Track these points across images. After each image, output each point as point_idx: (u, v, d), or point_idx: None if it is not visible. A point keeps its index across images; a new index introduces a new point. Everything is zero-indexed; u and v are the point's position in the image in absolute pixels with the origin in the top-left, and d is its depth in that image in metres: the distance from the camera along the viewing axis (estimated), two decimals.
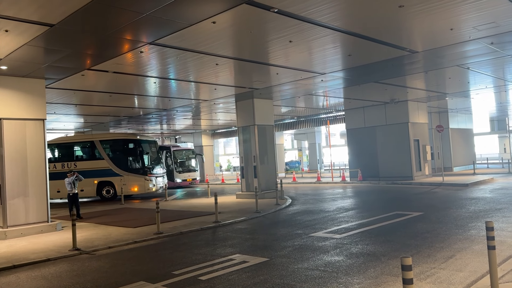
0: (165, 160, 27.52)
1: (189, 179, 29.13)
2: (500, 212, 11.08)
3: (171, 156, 28.30)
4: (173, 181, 27.86)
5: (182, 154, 29.72)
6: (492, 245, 4.86)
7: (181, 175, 28.67)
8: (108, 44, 9.53)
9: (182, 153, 29.81)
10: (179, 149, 30.19)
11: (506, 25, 9.89)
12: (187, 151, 30.54)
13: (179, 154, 29.50)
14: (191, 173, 29.62)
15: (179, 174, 28.62)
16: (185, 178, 28.86)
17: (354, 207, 14.12)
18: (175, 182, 28.09)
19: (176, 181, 28.04)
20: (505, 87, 20.59)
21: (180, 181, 28.36)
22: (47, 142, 12.47)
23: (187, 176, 29.07)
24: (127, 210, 16.51)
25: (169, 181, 27.07)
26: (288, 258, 7.46)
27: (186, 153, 30.26)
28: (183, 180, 28.73)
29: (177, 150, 29.48)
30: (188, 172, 29.39)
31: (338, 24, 9.30)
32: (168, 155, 28.23)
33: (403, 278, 3.65)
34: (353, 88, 18.47)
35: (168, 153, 28.35)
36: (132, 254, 8.70)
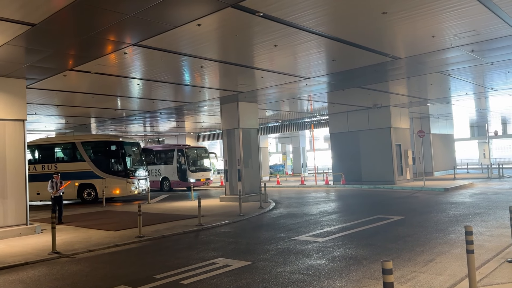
0: (177, 159, 26.97)
1: (202, 179, 27.74)
2: (479, 217, 11.29)
3: (183, 155, 27.01)
4: (186, 181, 26.86)
5: (194, 153, 28.45)
6: (471, 249, 4.95)
7: (194, 174, 27.22)
8: (91, 44, 9.41)
9: (194, 151, 28.58)
10: (192, 147, 29.23)
11: (486, 34, 10.13)
12: (199, 150, 29.35)
13: (192, 152, 28.21)
14: (204, 172, 28.27)
15: (192, 174, 27.14)
16: (198, 177, 27.37)
17: (337, 210, 14.21)
18: (188, 182, 26.54)
19: (189, 181, 26.60)
20: (484, 94, 21.05)
21: (193, 181, 26.71)
22: (27, 143, 12.23)
23: (200, 175, 27.64)
24: (108, 213, 16.29)
25: (182, 181, 26.93)
26: (271, 261, 7.46)
27: (199, 152, 28.97)
28: (197, 180, 27.19)
29: (190, 148, 28.46)
30: (202, 171, 28.09)
31: (322, 30, 9.39)
32: (180, 154, 27.00)
33: (383, 282, 3.69)
34: (337, 92, 18.64)
35: (180, 152, 27.16)
36: (113, 257, 8.58)
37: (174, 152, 27.55)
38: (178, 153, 27.30)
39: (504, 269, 6.06)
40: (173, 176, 27.52)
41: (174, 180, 27.48)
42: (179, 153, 27.21)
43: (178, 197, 22.42)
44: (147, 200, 19.92)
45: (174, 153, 27.53)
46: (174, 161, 27.46)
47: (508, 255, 6.70)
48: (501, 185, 20.76)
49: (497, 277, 5.70)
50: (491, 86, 18.76)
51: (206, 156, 29.16)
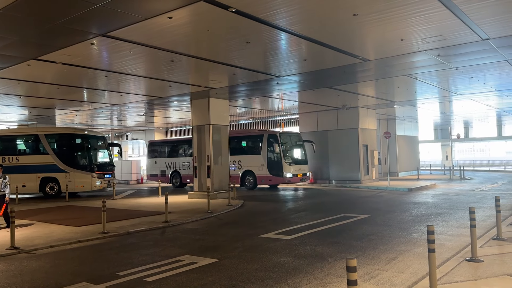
0: (267, 147, 21.88)
1: (299, 175, 22.07)
2: (441, 217, 11.66)
3: (277, 142, 21.38)
4: (281, 176, 21.52)
5: (290, 140, 22.54)
6: (432, 248, 5.08)
7: (291, 168, 21.65)
8: (57, 34, 9.10)
9: (289, 138, 22.59)
10: (286, 132, 23.17)
11: (452, 39, 10.45)
12: (294, 136, 23.17)
13: (287, 139, 22.30)
14: (302, 166, 22.51)
15: (289, 167, 21.57)
16: (295, 172, 21.79)
17: (304, 208, 14.35)
18: (285, 178, 21.45)
19: (285, 176, 21.40)
20: (449, 98, 21.77)
21: (290, 176, 21.51)
22: None
23: (297, 169, 22.02)
24: (71, 208, 15.83)
25: (274, 176, 21.77)
26: (238, 259, 7.44)
27: (294, 139, 22.91)
28: (294, 175, 21.71)
29: (284, 134, 22.53)
30: (299, 164, 22.38)
31: (295, 29, 9.43)
32: (273, 141, 21.54)
33: (347, 279, 3.73)
34: (308, 92, 18.82)
35: (272, 138, 21.74)
36: (75, 254, 8.33)
37: (263, 139, 22.18)
38: (269, 140, 21.87)
39: (462, 267, 6.27)
40: (261, 169, 22.13)
41: (261, 174, 22.11)
42: (271, 140, 21.73)
43: (146, 193, 22.04)
44: (112, 195, 19.49)
45: (263, 139, 22.18)
46: (263, 149, 22.15)
47: (467, 254, 6.94)
48: (462, 186, 21.54)
49: (456, 276, 5.89)
50: (455, 91, 19.43)
51: (301, 144, 23.10)
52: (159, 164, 27.26)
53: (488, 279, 5.71)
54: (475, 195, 17.22)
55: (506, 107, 27.28)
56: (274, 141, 21.50)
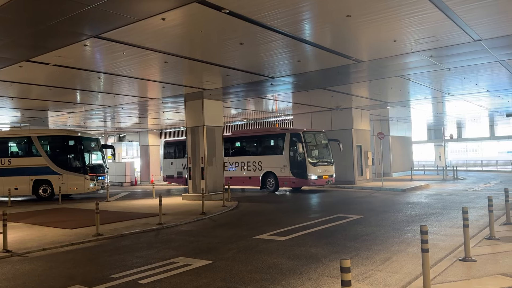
0: (290, 147, 20.48)
1: (325, 176, 20.65)
2: (434, 217, 11.72)
3: (301, 141, 19.99)
4: (305, 178, 20.05)
5: (314, 139, 21.13)
6: (426, 248, 5.10)
7: (316, 169, 20.18)
8: (49, 35, 9.05)
9: (314, 137, 21.16)
10: (310, 131, 21.52)
11: (445, 40, 10.52)
12: (319, 135, 21.57)
13: (311, 138, 20.88)
14: (328, 167, 21.06)
15: (314, 168, 20.12)
16: (321, 174, 20.36)
17: (298, 209, 14.36)
18: (309, 180, 20.02)
19: (310, 178, 19.97)
20: (442, 98, 21.91)
21: (315, 178, 20.11)
22: None
23: (323, 171, 20.57)
24: (64, 211, 15.73)
25: (298, 178, 20.30)
26: (232, 260, 7.42)
27: (318, 138, 21.44)
28: (319, 177, 20.30)
29: (308, 132, 20.97)
30: (325, 164, 20.96)
31: (288, 30, 9.44)
32: (296, 140, 20.11)
33: (341, 280, 3.74)
34: (302, 93, 18.85)
35: (295, 137, 20.31)
36: (68, 256, 8.27)
37: (285, 138, 20.81)
38: (292, 139, 20.46)
39: (456, 267, 6.30)
40: (283, 170, 20.75)
41: (284, 176, 20.73)
42: (294, 139, 20.31)
43: (140, 195, 21.95)
44: (106, 197, 19.39)
45: (285, 139, 20.82)
46: (285, 149, 20.81)
47: (460, 254, 6.98)
48: (455, 186, 21.67)
49: (450, 275, 5.92)
50: (448, 91, 19.56)
51: (326, 143, 21.77)
52: (176, 165, 26.34)
53: (481, 278, 5.75)
54: (468, 195, 17.33)
55: (498, 108, 27.52)
56: (298, 140, 20.03)
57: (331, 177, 21.11)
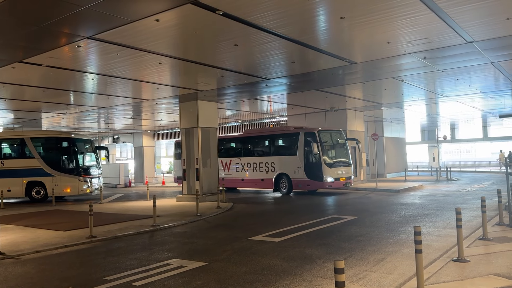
0: (304, 147, 19.31)
1: (342, 178, 19.43)
2: (428, 217, 11.77)
3: (316, 141, 18.83)
4: (320, 180, 18.93)
5: (331, 138, 19.96)
6: (419, 248, 5.13)
7: (332, 170, 19.04)
8: (42, 36, 9.00)
9: (330, 136, 19.97)
10: (326, 130, 20.29)
11: (438, 41, 10.59)
12: (335, 134, 20.30)
13: (327, 137, 19.65)
14: (345, 168, 19.82)
15: (330, 170, 18.96)
16: (337, 176, 19.17)
17: (293, 210, 14.37)
18: (325, 182, 18.87)
19: (325, 180, 18.81)
20: (435, 100, 22.04)
21: (331, 181, 18.92)
22: None
23: (340, 172, 19.36)
24: (58, 213, 15.62)
25: (313, 180, 19.18)
26: (227, 262, 7.41)
27: (335, 137, 20.22)
28: (335, 179, 19.10)
29: (324, 131, 19.69)
30: (342, 166, 19.72)
31: (282, 31, 9.45)
32: (311, 140, 18.97)
33: (335, 281, 3.75)
34: (296, 94, 18.88)
35: (310, 136, 19.18)
36: (61, 258, 8.22)
37: (299, 137, 19.66)
38: (306, 138, 19.36)
39: (449, 268, 6.34)
40: (297, 172, 19.67)
41: (297, 178, 19.66)
42: (309, 138, 19.20)
43: (134, 197, 21.86)
44: (99, 199, 19.29)
45: (299, 138, 19.65)
46: (299, 149, 19.65)
47: (453, 255, 7.02)
48: (448, 187, 21.79)
49: (443, 276, 5.95)
50: (441, 93, 19.68)
51: (343, 143, 20.37)
52: None
53: (474, 279, 5.78)
54: (461, 195, 17.43)
55: (491, 109, 27.72)
56: (312, 139, 18.90)
57: (349, 179, 19.76)
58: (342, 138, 20.41)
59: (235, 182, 22.85)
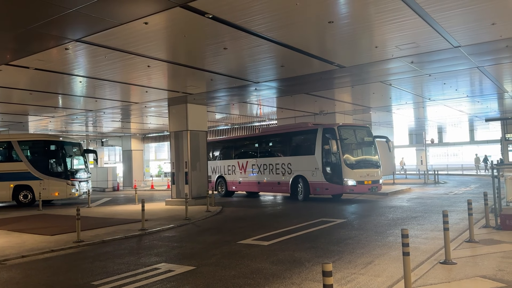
0: (322, 146, 17.05)
1: (367, 182, 16.95)
2: (416, 220, 11.87)
3: (335, 138, 16.51)
4: (340, 184, 16.65)
5: (354, 136, 17.53)
6: (407, 251, 5.16)
7: (354, 172, 16.68)
8: (29, 38, 8.91)
9: (353, 133, 17.60)
10: (348, 125, 18.36)
11: (425, 46, 10.72)
12: (360, 131, 18.01)
13: (349, 135, 17.26)
14: (371, 170, 17.37)
15: (352, 172, 16.62)
16: (361, 179, 16.74)
17: (283, 213, 14.38)
18: (345, 186, 16.61)
19: (346, 184, 16.54)
20: (423, 104, 22.29)
21: (352, 184, 16.57)
22: None
23: (364, 175, 16.92)
24: (45, 217, 15.42)
25: (332, 184, 16.88)
26: (216, 266, 7.38)
27: (360, 134, 17.81)
28: (359, 183, 16.68)
29: (345, 128, 17.47)
30: (367, 167, 17.34)
31: (272, 35, 9.49)
32: (330, 137, 16.53)
33: (323, 284, 3.75)
34: (285, 98, 18.94)
35: (329, 133, 16.78)
36: (48, 263, 8.11)
37: (317, 134, 17.39)
38: (325, 135, 16.95)
39: (436, 270, 6.39)
40: (315, 174, 17.33)
41: (315, 181, 17.35)
42: (327, 135, 16.75)
43: (122, 201, 21.68)
44: (87, 203, 19.09)
45: (317, 135, 17.37)
46: (317, 148, 17.34)
47: (440, 257, 7.08)
48: (436, 190, 22.00)
49: (430, 278, 6.00)
50: (429, 96, 19.92)
51: (370, 141, 18.03)
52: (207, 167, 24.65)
53: (461, 281, 5.84)
54: (448, 198, 17.61)
55: (478, 113, 28.12)
56: (331, 137, 16.53)
57: (375, 183, 17.17)
58: (369, 135, 18.09)
59: (251, 185, 20.92)
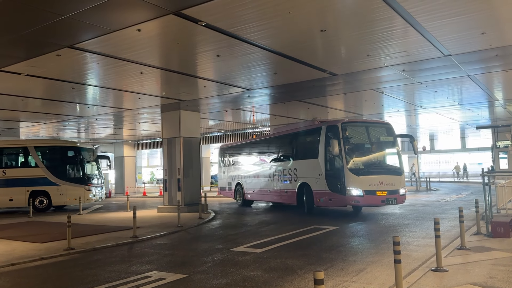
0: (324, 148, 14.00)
1: (380, 192, 13.21)
2: (408, 227, 11.91)
3: (339, 137, 13.33)
4: (342, 193, 13.40)
5: (367, 135, 14.18)
6: (398, 259, 5.18)
7: (361, 180, 13.19)
8: (21, 44, 8.88)
9: (366, 131, 14.22)
10: (353, 122, 15.55)
11: (416, 55, 10.84)
12: (373, 128, 14.43)
13: (356, 132, 14.08)
14: (386, 177, 13.51)
15: (357, 178, 13.19)
16: (370, 188, 13.13)
17: (275, 221, 14.35)
18: (348, 196, 13.24)
19: (349, 194, 13.19)
20: (414, 111, 22.45)
21: (358, 194, 13.14)
22: None
23: (376, 183, 13.20)
24: (35, 224, 15.25)
25: (336, 194, 13.61)
26: (208, 274, 7.34)
27: (375, 132, 14.32)
28: (367, 193, 13.12)
29: (353, 124, 14.53)
30: (380, 174, 13.57)
31: (265, 43, 9.54)
32: (332, 136, 13.47)
33: None
34: (279, 105, 18.99)
35: (331, 131, 13.72)
36: (38, 271, 8.01)
37: (320, 134, 14.33)
38: (327, 135, 13.88)
39: (428, 277, 6.41)
40: (319, 182, 14.39)
41: (319, 189, 14.44)
42: (330, 135, 13.67)
43: (114, 208, 21.52)
44: (78, 210, 18.93)
45: (320, 135, 14.33)
46: (320, 151, 14.31)
47: (432, 264, 7.10)
48: (428, 197, 22.11)
49: (422, 285, 6.01)
50: (420, 104, 20.08)
51: (388, 141, 14.39)
52: (227, 174, 22.40)
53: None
54: (440, 205, 17.70)
55: (469, 120, 28.37)
56: (333, 136, 13.42)
57: (393, 194, 13.36)
58: (390, 134, 14.46)
59: (263, 194, 18.66)
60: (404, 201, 14.24)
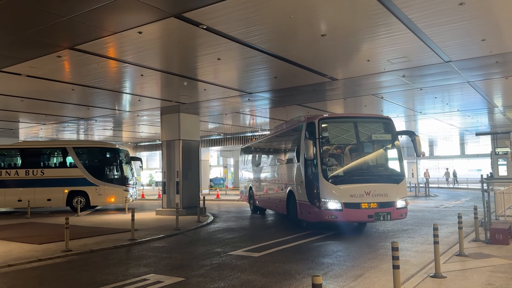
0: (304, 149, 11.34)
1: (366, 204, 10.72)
2: (406, 233, 11.89)
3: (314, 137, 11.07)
4: (316, 205, 11.03)
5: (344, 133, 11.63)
6: (397, 264, 5.17)
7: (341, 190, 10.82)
8: (22, 45, 8.88)
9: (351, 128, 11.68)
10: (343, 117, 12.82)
11: (416, 61, 10.85)
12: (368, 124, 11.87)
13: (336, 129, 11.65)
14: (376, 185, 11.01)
15: (335, 188, 10.83)
16: (351, 200, 10.71)
17: (273, 225, 14.32)
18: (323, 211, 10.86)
19: (323, 207, 10.84)
20: (414, 117, 22.46)
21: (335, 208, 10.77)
22: None
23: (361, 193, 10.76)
24: (33, 225, 15.21)
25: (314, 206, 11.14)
26: (205, 277, 7.31)
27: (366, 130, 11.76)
28: (348, 206, 10.71)
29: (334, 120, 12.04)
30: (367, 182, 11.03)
31: (265, 47, 9.55)
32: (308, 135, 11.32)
33: None
34: (278, 109, 18.98)
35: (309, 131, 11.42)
36: (35, 273, 7.98)
37: (301, 133, 12.06)
38: (306, 134, 11.53)
39: (426, 283, 6.39)
40: (301, 190, 11.94)
41: (301, 199, 11.91)
42: (307, 134, 11.42)
43: (112, 209, 21.48)
44: (76, 212, 18.87)
45: (301, 134, 12.04)
46: (300, 153, 12.00)
47: (431, 270, 7.08)
48: (427, 203, 22.08)
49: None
50: (420, 110, 20.08)
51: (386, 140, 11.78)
52: (242, 178, 21.57)
53: None
54: (439, 211, 17.68)
55: (468, 127, 28.39)
56: (309, 135, 11.23)
57: (386, 207, 10.83)
58: (387, 131, 11.83)
59: (265, 201, 16.82)
60: (404, 217, 11.37)
